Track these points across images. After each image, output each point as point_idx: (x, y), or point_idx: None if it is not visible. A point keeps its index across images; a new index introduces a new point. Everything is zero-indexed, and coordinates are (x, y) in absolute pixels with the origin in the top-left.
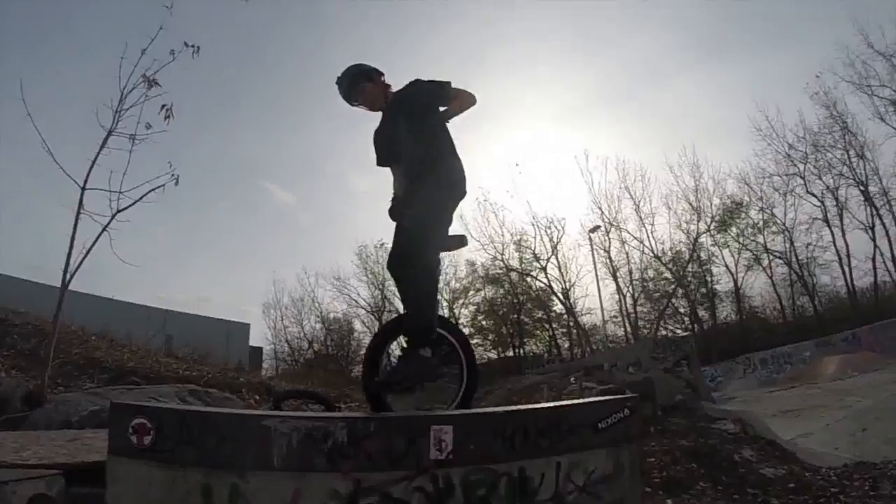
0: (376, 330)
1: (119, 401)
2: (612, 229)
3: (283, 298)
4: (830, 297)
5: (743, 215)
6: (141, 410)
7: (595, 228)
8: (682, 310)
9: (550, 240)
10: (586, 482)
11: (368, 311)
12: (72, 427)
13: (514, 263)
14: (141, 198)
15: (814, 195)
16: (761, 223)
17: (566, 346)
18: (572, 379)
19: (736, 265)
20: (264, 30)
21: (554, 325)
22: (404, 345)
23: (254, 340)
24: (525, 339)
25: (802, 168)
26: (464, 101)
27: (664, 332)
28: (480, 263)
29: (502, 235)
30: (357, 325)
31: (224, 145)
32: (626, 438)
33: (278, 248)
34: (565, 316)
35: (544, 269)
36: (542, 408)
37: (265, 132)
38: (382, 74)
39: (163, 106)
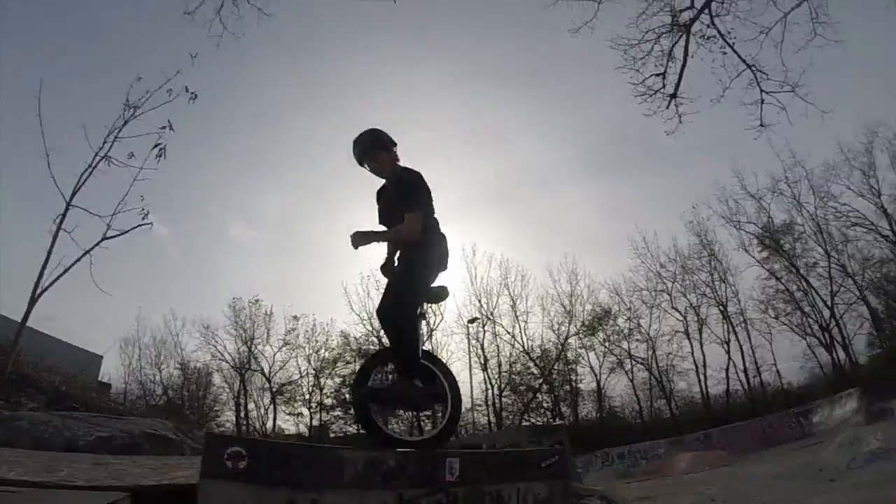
0: (373, 352)
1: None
2: (488, 322)
3: (145, 337)
4: (686, 401)
5: (611, 322)
6: (235, 441)
7: (473, 320)
8: (545, 404)
9: (428, 323)
10: (534, 502)
11: (231, 367)
12: (78, 449)
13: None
14: (128, 231)
15: (678, 310)
16: (627, 331)
17: (428, 427)
18: None
19: (600, 367)
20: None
21: None
22: (398, 372)
23: (103, 375)
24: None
25: (670, 286)
26: (399, 236)
27: (527, 423)
28: (354, 337)
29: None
30: (216, 379)
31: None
32: (558, 474)
33: (143, 280)
34: None
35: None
36: (510, 451)
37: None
38: (396, 145)
39: (156, 145)
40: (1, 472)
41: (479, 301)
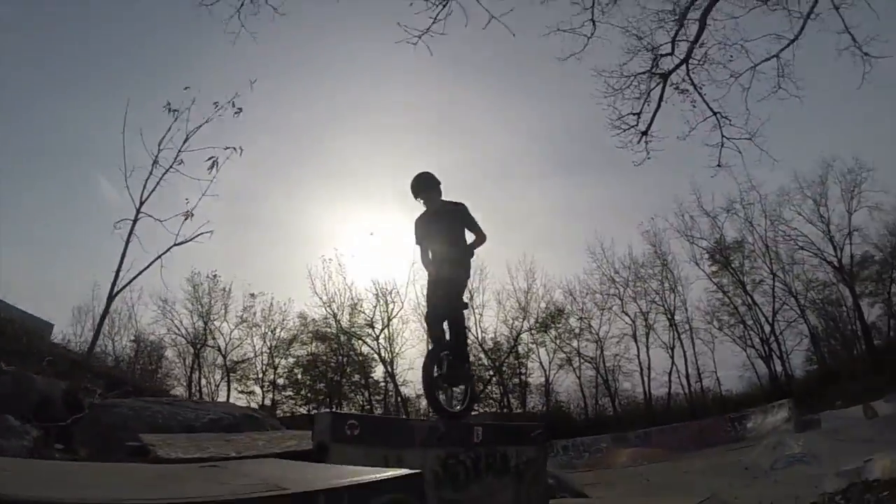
0: (428, 353)
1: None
2: None
3: (99, 307)
4: (629, 400)
5: (563, 321)
6: (351, 416)
7: None
8: (494, 395)
9: (387, 310)
10: (526, 461)
11: (188, 342)
12: (196, 430)
13: (345, 325)
14: (192, 239)
15: (627, 315)
16: (578, 330)
17: (379, 412)
18: None
19: (550, 363)
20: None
21: (371, 391)
22: (460, 359)
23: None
24: (340, 401)
25: (622, 291)
26: (477, 238)
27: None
28: (313, 318)
29: (343, 296)
30: (170, 353)
31: (62, 123)
32: (541, 442)
33: (98, 248)
34: (382, 384)
35: (377, 337)
36: (512, 424)
37: (111, 115)
38: (440, 183)
39: (210, 157)
40: (215, 450)
41: None
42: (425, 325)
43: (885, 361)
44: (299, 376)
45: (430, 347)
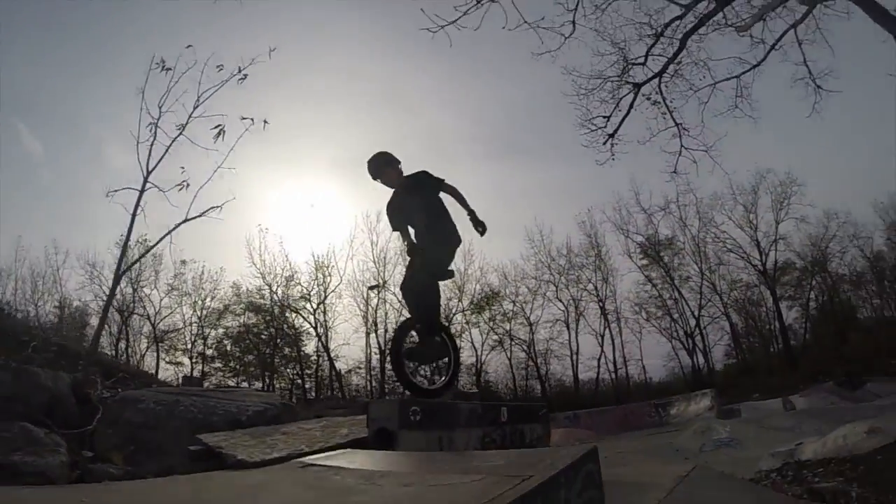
0: (398, 325)
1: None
2: (383, 290)
3: (22, 268)
4: (558, 383)
5: (497, 304)
6: (413, 403)
7: (374, 287)
8: (423, 372)
9: (324, 284)
10: (537, 437)
11: (115, 308)
12: (242, 424)
13: (280, 297)
14: (203, 214)
15: (560, 301)
16: (511, 314)
17: (309, 386)
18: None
19: (483, 344)
20: None
21: (303, 364)
22: (419, 335)
23: None
24: (271, 374)
25: (557, 278)
26: (455, 194)
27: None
28: (245, 288)
29: (282, 267)
30: (94, 321)
31: None
32: (545, 420)
33: (15, 202)
34: (314, 358)
35: (314, 311)
36: (526, 404)
37: (34, 66)
38: (400, 163)
39: (217, 125)
40: (284, 445)
41: (377, 267)
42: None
43: (799, 360)
44: (228, 347)
45: (400, 323)
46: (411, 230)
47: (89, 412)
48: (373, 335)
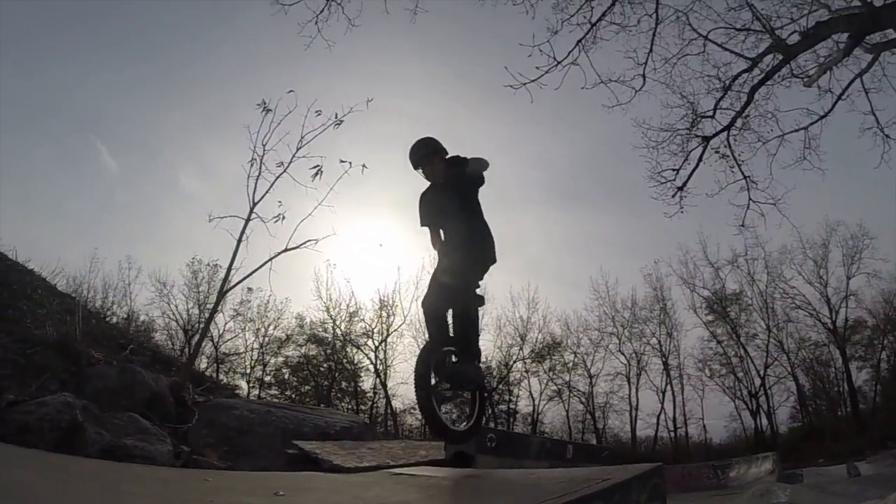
0: (423, 348)
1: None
2: None
3: (95, 279)
4: (615, 438)
5: (558, 354)
6: (490, 431)
7: None
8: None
9: (387, 322)
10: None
11: (181, 327)
12: (331, 437)
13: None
14: (301, 245)
15: (623, 354)
16: (572, 364)
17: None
18: None
19: (540, 394)
20: None
21: (358, 399)
22: (457, 356)
23: None
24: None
25: (620, 331)
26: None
27: None
28: (309, 320)
29: (347, 303)
30: (158, 336)
31: (62, 87)
32: (609, 462)
33: (94, 216)
34: (370, 394)
35: (375, 348)
36: (589, 444)
37: (113, 87)
38: (447, 152)
39: (315, 166)
40: (372, 458)
41: None
42: (421, 311)
43: (868, 424)
44: (286, 376)
45: (424, 344)
46: (443, 231)
47: (185, 412)
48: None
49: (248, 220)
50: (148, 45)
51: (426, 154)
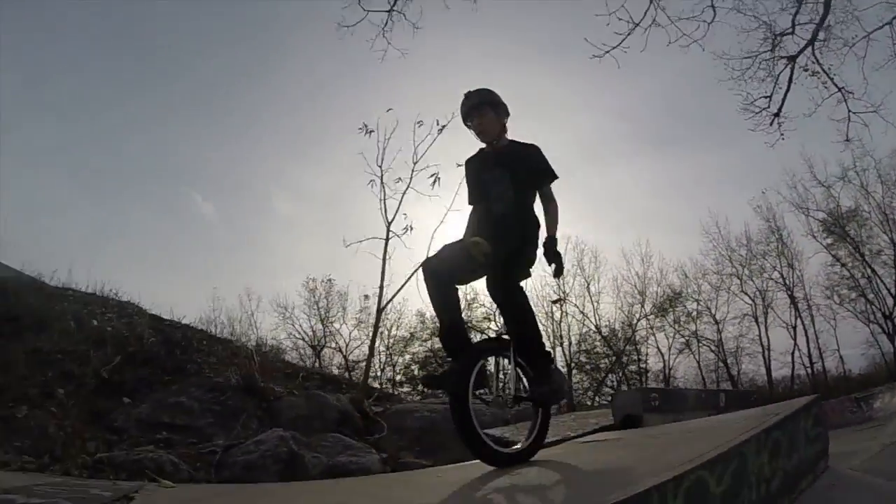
0: (475, 348)
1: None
2: (565, 302)
3: (221, 315)
4: (751, 383)
5: (680, 304)
6: (652, 390)
7: (558, 301)
8: (609, 383)
9: None
10: None
11: (308, 344)
12: (506, 422)
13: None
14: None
15: (746, 294)
16: (696, 313)
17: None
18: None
19: (669, 348)
20: (214, 37)
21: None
22: (528, 365)
23: None
24: None
25: (740, 270)
26: (550, 204)
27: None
28: (429, 315)
29: (463, 291)
30: (289, 357)
31: (155, 144)
32: (757, 405)
33: (197, 259)
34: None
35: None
36: (740, 390)
37: (194, 137)
38: (509, 115)
39: (433, 174)
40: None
41: (557, 281)
42: (428, 297)
43: None
44: (416, 372)
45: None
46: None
47: (370, 424)
48: (559, 349)
49: (387, 240)
50: (223, 92)
51: (477, 104)
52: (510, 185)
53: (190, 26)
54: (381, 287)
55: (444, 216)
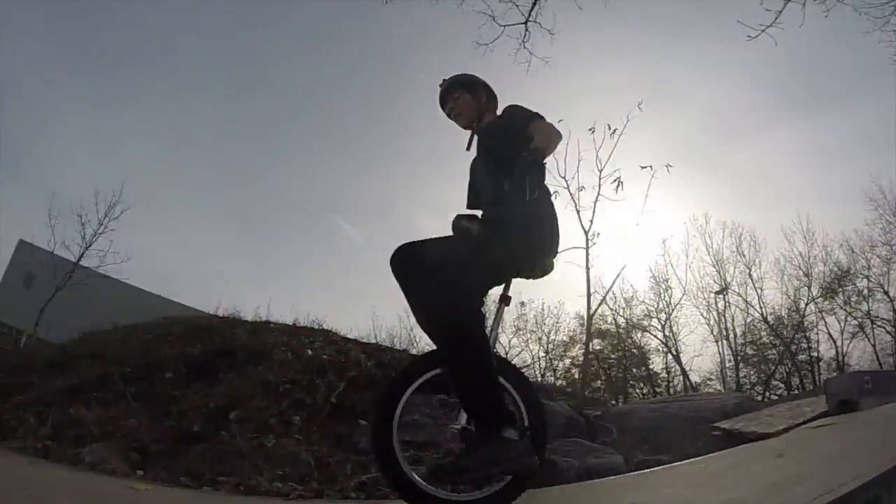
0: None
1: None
2: (728, 292)
3: (381, 333)
4: None
5: (850, 284)
6: (866, 373)
7: (721, 291)
8: (777, 375)
9: (668, 298)
10: None
11: None
12: (728, 416)
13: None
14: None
15: None
16: (867, 291)
17: None
18: None
19: (841, 332)
20: (347, 68)
21: (653, 382)
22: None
23: None
24: (624, 396)
25: None
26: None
27: (776, 396)
28: (583, 316)
29: (621, 290)
30: None
31: (302, 178)
32: None
33: (351, 281)
34: (663, 374)
35: (662, 328)
36: (884, 371)
37: (339, 166)
38: (491, 96)
39: (615, 179)
40: (776, 424)
41: (717, 269)
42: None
43: None
44: (576, 376)
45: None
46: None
47: (593, 427)
48: (722, 342)
49: (587, 249)
50: (355, 121)
51: (447, 87)
52: (493, 169)
53: (316, 61)
54: (588, 294)
55: (640, 216)
